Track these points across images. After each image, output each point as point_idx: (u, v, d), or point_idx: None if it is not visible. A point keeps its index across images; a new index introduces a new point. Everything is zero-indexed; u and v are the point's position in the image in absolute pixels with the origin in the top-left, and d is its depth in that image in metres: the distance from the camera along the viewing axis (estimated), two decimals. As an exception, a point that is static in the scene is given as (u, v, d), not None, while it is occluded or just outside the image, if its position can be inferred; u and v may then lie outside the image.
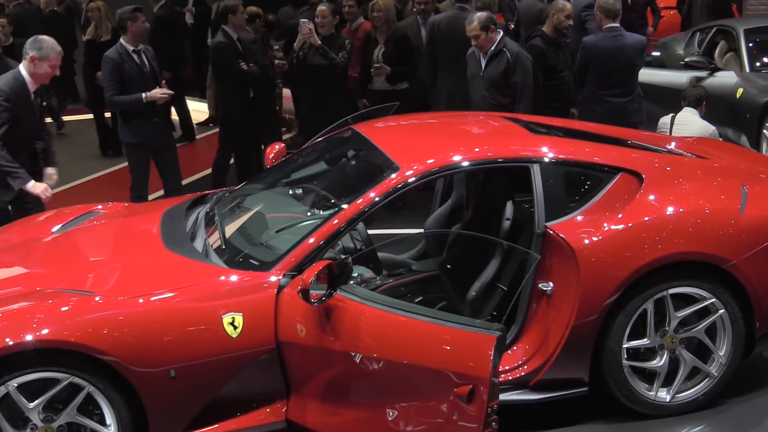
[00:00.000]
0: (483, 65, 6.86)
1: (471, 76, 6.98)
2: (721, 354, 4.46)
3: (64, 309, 3.83)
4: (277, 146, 5.84)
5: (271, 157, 5.69)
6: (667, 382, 4.46)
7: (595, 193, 4.47)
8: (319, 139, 5.47)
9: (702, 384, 4.49)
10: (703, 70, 9.13)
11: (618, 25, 7.16)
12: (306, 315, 3.89)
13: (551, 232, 4.30)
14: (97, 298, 3.92)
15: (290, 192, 5.04)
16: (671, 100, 8.78)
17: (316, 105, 7.82)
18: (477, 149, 4.62)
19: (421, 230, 5.60)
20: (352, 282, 4.30)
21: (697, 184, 4.63)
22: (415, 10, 8.61)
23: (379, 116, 6.08)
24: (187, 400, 3.93)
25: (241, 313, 3.93)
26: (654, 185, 4.51)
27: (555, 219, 4.36)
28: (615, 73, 7.07)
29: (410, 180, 4.28)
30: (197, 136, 11.31)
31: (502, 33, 6.85)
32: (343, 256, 4.25)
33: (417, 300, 5.00)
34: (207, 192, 5.61)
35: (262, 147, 8.00)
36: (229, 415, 4.00)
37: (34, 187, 5.65)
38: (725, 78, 8.80)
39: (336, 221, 4.18)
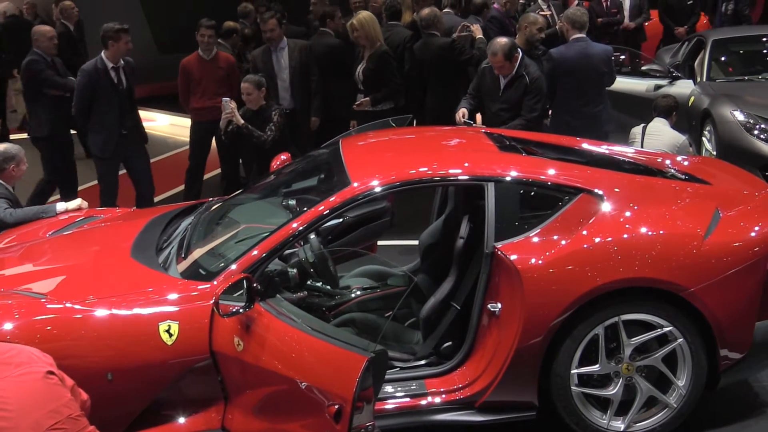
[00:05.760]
0: (502, 86, 6.74)
1: (486, 92, 6.88)
2: (681, 384, 4.30)
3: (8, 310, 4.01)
4: (282, 156, 5.95)
5: (275, 166, 5.80)
6: (623, 411, 4.33)
7: (552, 213, 4.36)
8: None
9: (660, 414, 4.35)
10: (661, 79, 9.18)
11: (584, 35, 7.14)
12: (236, 327, 3.95)
13: (499, 252, 4.24)
14: (43, 301, 4.09)
15: (267, 203, 5.11)
16: (631, 107, 9.15)
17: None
18: (431, 166, 4.56)
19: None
20: (298, 295, 4.37)
21: (663, 207, 4.44)
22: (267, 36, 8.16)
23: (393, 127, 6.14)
24: (124, 403, 4.04)
25: (177, 322, 4.01)
26: (615, 207, 4.37)
27: (507, 238, 4.29)
28: (584, 83, 7.02)
29: (363, 194, 4.32)
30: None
31: (521, 54, 6.73)
32: (288, 269, 4.33)
33: (387, 315, 5.00)
34: (203, 200, 5.75)
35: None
36: (167, 420, 4.08)
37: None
38: (682, 87, 8.86)
39: (283, 232, 4.23)
